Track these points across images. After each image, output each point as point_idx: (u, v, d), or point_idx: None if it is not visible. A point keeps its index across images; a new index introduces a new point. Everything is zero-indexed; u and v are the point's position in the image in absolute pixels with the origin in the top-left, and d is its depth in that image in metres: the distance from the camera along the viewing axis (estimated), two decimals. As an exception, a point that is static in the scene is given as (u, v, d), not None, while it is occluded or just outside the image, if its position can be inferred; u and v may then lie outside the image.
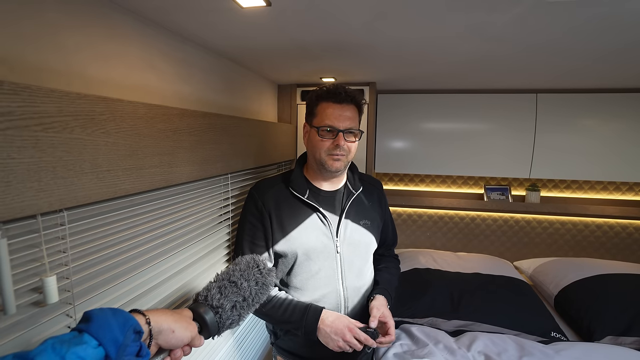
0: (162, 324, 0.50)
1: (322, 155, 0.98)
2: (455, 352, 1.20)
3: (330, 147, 0.97)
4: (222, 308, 0.62)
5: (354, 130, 0.98)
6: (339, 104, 0.97)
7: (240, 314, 0.65)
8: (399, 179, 2.46)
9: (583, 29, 0.93)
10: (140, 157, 0.70)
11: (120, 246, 0.72)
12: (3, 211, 0.45)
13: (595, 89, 1.91)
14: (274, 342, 1.14)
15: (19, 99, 0.46)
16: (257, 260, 0.72)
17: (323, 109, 0.97)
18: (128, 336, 0.42)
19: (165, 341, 0.51)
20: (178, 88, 1.02)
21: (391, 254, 1.25)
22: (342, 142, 0.95)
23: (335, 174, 1.03)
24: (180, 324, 0.53)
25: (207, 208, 1.05)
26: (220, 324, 0.62)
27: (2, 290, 0.48)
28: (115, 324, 0.42)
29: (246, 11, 0.82)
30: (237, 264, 0.71)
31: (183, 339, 0.53)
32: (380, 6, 0.79)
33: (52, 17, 0.63)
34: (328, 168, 0.99)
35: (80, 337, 0.39)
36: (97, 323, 0.41)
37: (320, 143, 0.98)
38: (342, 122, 0.96)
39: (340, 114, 0.96)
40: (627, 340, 1.34)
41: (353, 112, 0.98)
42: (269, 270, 0.73)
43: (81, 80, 0.70)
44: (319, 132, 0.97)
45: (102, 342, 0.40)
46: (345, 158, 0.99)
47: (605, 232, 2.20)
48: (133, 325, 0.44)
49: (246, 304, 0.66)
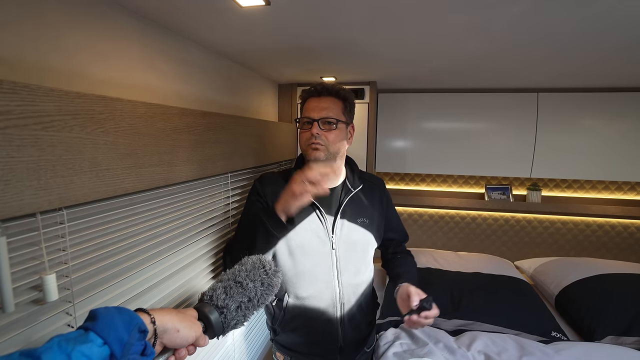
0: (166, 323, 0.50)
1: (303, 147, 1.04)
2: (455, 352, 1.20)
3: (308, 137, 1.01)
4: (227, 308, 0.62)
5: (330, 118, 1.00)
6: (317, 97, 1.03)
7: (245, 314, 0.65)
8: (399, 178, 2.46)
9: (585, 27, 0.92)
10: (140, 156, 0.70)
11: (120, 245, 0.72)
12: (2, 209, 0.45)
13: (597, 88, 1.91)
14: (274, 339, 1.14)
15: (18, 98, 0.46)
16: (263, 261, 0.72)
17: (306, 105, 1.04)
18: (133, 335, 0.43)
19: (170, 340, 0.51)
20: (178, 87, 1.02)
21: (403, 250, 1.23)
22: (316, 130, 0.99)
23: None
24: (184, 323, 0.53)
25: (207, 207, 1.05)
26: (225, 324, 0.62)
27: (2, 288, 0.48)
28: (120, 323, 0.42)
29: (245, 10, 0.82)
30: (243, 264, 0.71)
31: (188, 339, 0.53)
32: (380, 4, 0.79)
33: (52, 16, 0.64)
34: (308, 158, 1.03)
35: (86, 335, 0.39)
36: (102, 322, 0.41)
37: (301, 135, 1.04)
38: (317, 112, 1.00)
39: (317, 105, 1.01)
40: (627, 340, 1.33)
41: (330, 103, 1.01)
42: (275, 271, 0.73)
43: (81, 79, 0.70)
44: (300, 125, 1.04)
45: (107, 340, 0.40)
46: (325, 148, 1.00)
47: (606, 232, 2.20)
48: (138, 324, 0.44)
49: (251, 304, 0.66)
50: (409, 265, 1.15)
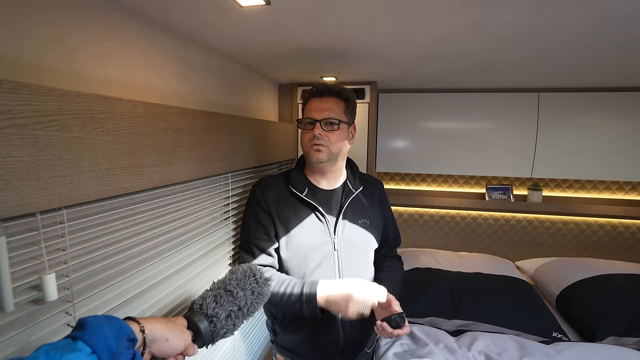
0: (156, 332, 0.50)
1: (305, 148, 1.03)
2: (456, 352, 1.20)
3: (310, 138, 1.00)
4: (217, 317, 0.62)
5: (332, 119, 0.99)
6: (319, 98, 1.02)
7: (235, 323, 0.65)
8: (400, 178, 2.46)
9: (586, 27, 0.92)
10: (140, 155, 0.70)
11: (120, 244, 0.72)
12: (2, 209, 0.45)
13: (598, 88, 1.90)
14: (274, 340, 1.14)
15: (17, 97, 0.46)
16: (254, 270, 0.73)
17: (307, 105, 1.04)
18: (122, 344, 0.42)
19: (159, 349, 0.51)
20: (178, 87, 1.02)
21: (394, 255, 1.25)
22: (318, 131, 0.98)
23: (323, 167, 1.04)
24: (174, 332, 0.53)
25: (207, 207, 1.05)
26: (215, 332, 0.62)
27: (1, 288, 0.48)
28: (109, 332, 0.42)
29: (245, 10, 0.82)
30: (233, 272, 0.71)
31: (176, 348, 0.53)
32: (380, 4, 0.79)
33: (52, 16, 0.63)
34: (310, 159, 1.02)
35: (74, 344, 0.39)
36: (91, 330, 0.41)
37: (303, 136, 1.03)
38: (319, 112, 1.00)
39: (319, 105, 1.01)
40: (629, 341, 1.33)
41: (332, 104, 1.01)
42: (266, 279, 0.73)
43: (81, 79, 0.70)
44: (302, 126, 1.04)
45: (96, 349, 0.40)
46: (327, 149, 1.00)
47: (608, 232, 2.19)
48: (127, 332, 0.44)
49: (241, 313, 0.67)
50: (395, 271, 1.16)
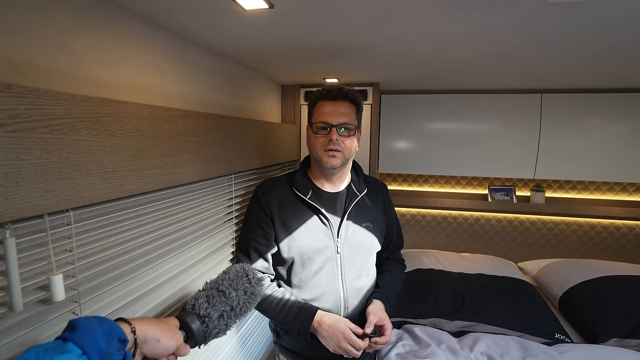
0: (147, 332, 0.50)
1: (318, 153, 1.00)
2: (458, 353, 1.20)
3: (325, 143, 0.98)
4: (209, 317, 0.62)
5: (348, 125, 0.99)
6: (332, 101, 0.99)
7: (227, 323, 0.65)
8: (402, 179, 2.46)
9: (587, 29, 0.92)
10: (145, 158, 0.71)
11: (126, 245, 0.73)
12: (12, 211, 0.46)
13: (601, 89, 1.90)
14: (277, 341, 1.15)
15: (27, 101, 0.47)
16: (247, 270, 0.73)
17: (319, 108, 1.01)
18: (112, 345, 0.42)
19: (150, 350, 0.51)
20: (182, 89, 1.03)
21: (396, 258, 1.25)
22: (335, 137, 0.96)
23: (334, 172, 1.04)
24: (165, 333, 0.54)
25: (211, 208, 1.06)
26: (207, 333, 0.62)
27: (10, 288, 0.49)
28: (100, 333, 0.42)
29: (249, 13, 0.83)
30: (226, 272, 0.72)
31: (168, 348, 0.53)
32: (383, 7, 0.80)
33: (60, 21, 0.65)
34: (324, 165, 1.00)
35: (65, 345, 0.39)
36: (81, 331, 0.41)
37: (316, 140, 1.00)
38: (335, 117, 0.97)
39: (334, 109, 0.98)
40: (632, 343, 1.32)
41: (347, 108, 0.99)
42: (258, 280, 0.74)
43: (88, 82, 0.71)
44: (315, 130, 1.00)
45: (86, 350, 0.40)
46: (342, 155, 0.99)
47: (611, 233, 2.18)
48: (118, 333, 0.44)
49: (234, 313, 0.67)
50: (394, 277, 1.16)
